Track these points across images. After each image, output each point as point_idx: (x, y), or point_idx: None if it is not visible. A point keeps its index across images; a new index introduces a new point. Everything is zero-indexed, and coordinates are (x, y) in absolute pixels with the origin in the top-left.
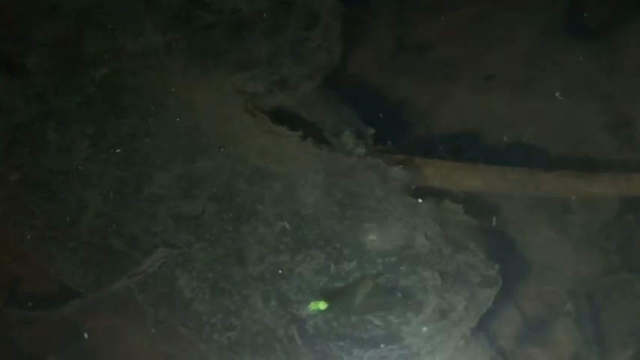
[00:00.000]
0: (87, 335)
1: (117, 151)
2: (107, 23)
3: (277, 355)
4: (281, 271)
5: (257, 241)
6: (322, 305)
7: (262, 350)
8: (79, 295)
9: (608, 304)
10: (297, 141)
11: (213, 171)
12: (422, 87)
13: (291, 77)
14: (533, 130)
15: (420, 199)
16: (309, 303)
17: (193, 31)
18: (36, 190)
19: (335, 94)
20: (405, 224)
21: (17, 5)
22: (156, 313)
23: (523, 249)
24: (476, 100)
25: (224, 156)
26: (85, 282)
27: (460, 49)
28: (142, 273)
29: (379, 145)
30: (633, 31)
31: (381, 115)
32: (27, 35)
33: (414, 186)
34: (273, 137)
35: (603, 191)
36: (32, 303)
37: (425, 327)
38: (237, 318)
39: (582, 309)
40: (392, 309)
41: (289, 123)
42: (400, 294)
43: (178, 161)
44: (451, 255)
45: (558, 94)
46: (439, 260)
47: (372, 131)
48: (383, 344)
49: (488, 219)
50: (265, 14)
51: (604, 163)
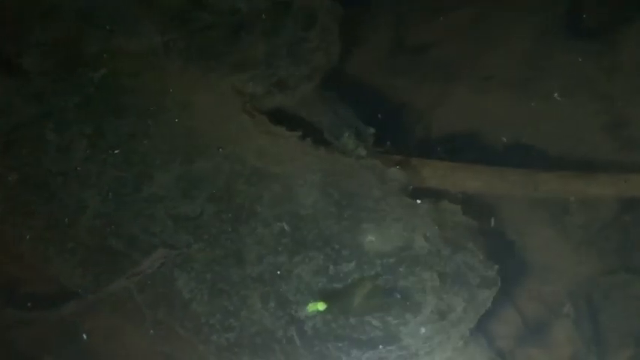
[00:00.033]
0: (85, 336)
1: (116, 152)
2: (106, 24)
3: (276, 356)
4: (280, 272)
5: (256, 242)
6: (321, 306)
7: (261, 351)
8: (78, 296)
9: (607, 305)
10: (295, 141)
11: (211, 171)
12: (421, 87)
13: (289, 78)
14: (532, 131)
15: (419, 200)
16: (307, 304)
17: (192, 32)
18: (35, 191)
19: (334, 95)
20: (404, 225)
21: (16, 5)
22: (154, 314)
23: (522, 250)
24: (475, 101)
25: (223, 156)
26: (84, 282)
27: (459, 50)
28: (141, 273)
29: (379, 146)
30: (633, 31)
31: (380, 116)
32: (25, 35)
33: (412, 187)
34: (271, 138)
35: (602, 192)
36: (31, 303)
37: (423, 328)
38: (235, 319)
39: (581, 310)
40: (390, 310)
41: (288, 124)
42: (399, 295)
43: (177, 162)
44: (450, 256)
45: (557, 95)
46: (438, 261)
47: (372, 131)
48: (381, 345)
49: (487, 220)
50: (264, 15)
51: (603, 164)
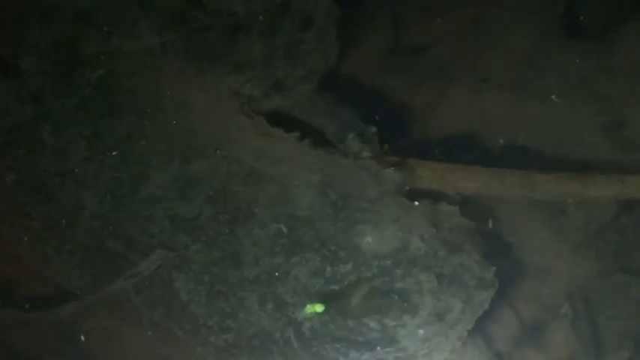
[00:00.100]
0: (84, 337)
1: (113, 153)
2: (104, 24)
3: (274, 358)
4: (277, 274)
5: (253, 244)
6: (318, 308)
7: (259, 353)
8: (76, 297)
9: (604, 307)
10: (293, 143)
11: (209, 172)
12: (419, 88)
13: (286, 79)
14: (530, 132)
15: (417, 202)
16: (305, 305)
17: (189, 33)
18: (32, 192)
19: (332, 96)
20: (401, 226)
21: (14, 6)
22: (152, 316)
23: (520, 251)
24: (473, 101)
25: (220, 157)
26: (82, 284)
27: (458, 50)
28: (139, 275)
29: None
30: (632, 32)
31: (378, 117)
32: (23, 36)
33: (409, 188)
34: (269, 139)
35: (599, 193)
36: (29, 305)
37: (421, 329)
38: (233, 320)
39: (579, 311)
40: (388, 311)
41: (286, 125)
42: (396, 296)
43: (175, 163)
44: (446, 257)
45: (554, 97)
46: (435, 262)
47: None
48: (379, 347)
49: (484, 221)
50: (261, 17)
51: (601, 165)
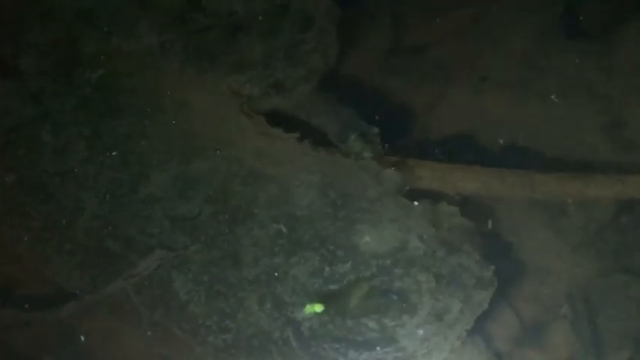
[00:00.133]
0: (83, 337)
1: (113, 153)
2: (104, 24)
3: (273, 358)
4: (276, 274)
5: (252, 244)
6: (317, 307)
7: (258, 352)
8: (75, 297)
9: (604, 307)
10: (293, 143)
11: (209, 173)
12: (419, 88)
13: (286, 80)
14: (530, 132)
15: (416, 202)
16: (304, 305)
17: (189, 33)
18: (32, 192)
19: (332, 96)
20: (400, 226)
21: (14, 6)
22: (152, 316)
23: (520, 251)
24: (473, 101)
25: (220, 157)
26: (81, 284)
27: (458, 50)
28: (138, 275)
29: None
30: (632, 32)
31: (378, 117)
32: (22, 36)
33: (409, 188)
34: (269, 139)
35: (599, 193)
36: (28, 305)
37: (420, 329)
38: (232, 320)
39: (579, 311)
40: (387, 311)
41: (286, 125)
42: (395, 296)
43: (174, 162)
44: (445, 257)
45: (554, 97)
46: (433, 262)
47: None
48: (378, 347)
49: (484, 221)
50: (261, 17)
51: (601, 165)
